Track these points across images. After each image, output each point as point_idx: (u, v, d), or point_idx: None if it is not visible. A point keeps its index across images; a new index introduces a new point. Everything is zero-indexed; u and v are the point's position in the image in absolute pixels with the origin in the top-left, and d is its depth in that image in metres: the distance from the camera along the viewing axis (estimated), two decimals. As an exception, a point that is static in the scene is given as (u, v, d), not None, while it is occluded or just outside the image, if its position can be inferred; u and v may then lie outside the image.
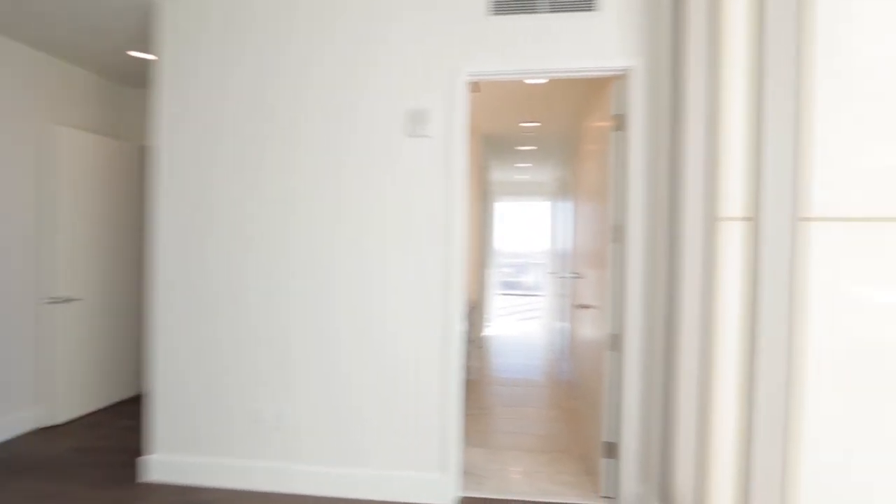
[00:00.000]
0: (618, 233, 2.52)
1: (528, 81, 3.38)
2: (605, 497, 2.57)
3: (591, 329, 3.07)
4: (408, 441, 2.54)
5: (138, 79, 3.82)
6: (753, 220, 1.54)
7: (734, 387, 1.78)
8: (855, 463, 1.42)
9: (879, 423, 1.35)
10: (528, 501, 2.54)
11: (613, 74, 2.50)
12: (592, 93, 3.11)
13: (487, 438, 3.43)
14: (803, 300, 1.49)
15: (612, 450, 2.55)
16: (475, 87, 3.53)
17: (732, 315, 1.85)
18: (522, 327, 8.57)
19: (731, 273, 1.87)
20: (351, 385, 2.57)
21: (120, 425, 3.52)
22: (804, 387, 1.50)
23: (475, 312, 5.70)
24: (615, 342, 2.53)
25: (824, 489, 1.48)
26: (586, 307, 3.19)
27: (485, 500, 2.56)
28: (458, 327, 2.55)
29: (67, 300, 3.47)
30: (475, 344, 5.92)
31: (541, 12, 2.45)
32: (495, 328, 8.10)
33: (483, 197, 6.37)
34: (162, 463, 2.68)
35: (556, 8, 2.45)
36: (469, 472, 2.85)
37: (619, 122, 2.51)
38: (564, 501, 2.55)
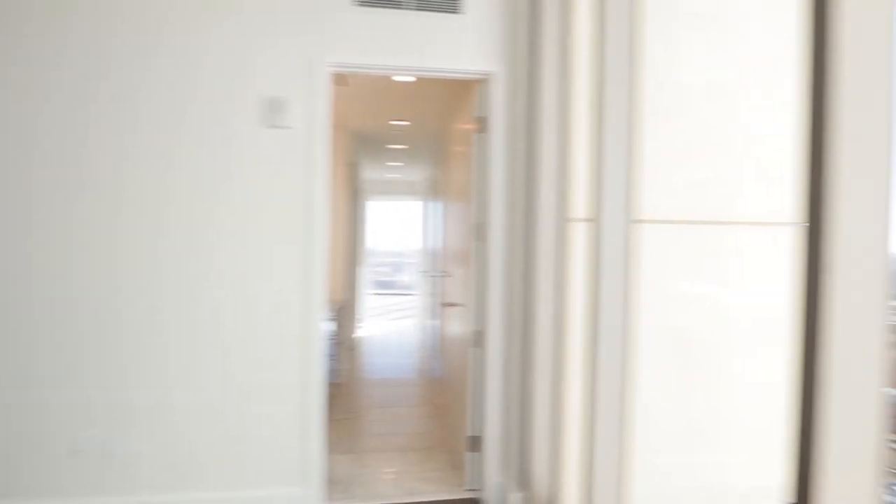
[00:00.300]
0: (480, 232, 2.60)
1: (396, 79, 3.35)
2: (470, 490, 2.63)
3: (457, 326, 3.14)
4: (266, 455, 2.34)
5: None
6: (595, 221, 1.67)
7: (581, 375, 1.93)
8: (677, 431, 1.62)
9: (693, 398, 1.55)
10: (396, 504, 2.51)
11: (476, 78, 2.56)
12: (459, 95, 3.18)
13: (357, 443, 3.33)
14: (637, 291, 1.65)
15: (476, 443, 2.62)
16: (341, 79, 3.40)
17: (579, 309, 2.00)
18: (396, 326, 8.57)
19: (579, 270, 2.02)
20: (195, 402, 2.29)
21: None
22: (637, 370, 1.66)
23: (346, 313, 5.53)
24: (478, 338, 2.61)
25: (654, 465, 1.67)
26: (453, 305, 3.26)
27: (350, 509, 2.46)
28: (320, 330, 2.41)
29: None
30: (346, 346, 5.75)
31: (407, 9, 2.42)
32: (368, 328, 7.98)
33: (354, 195, 6.21)
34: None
35: (422, 6, 2.43)
36: (335, 482, 2.73)
37: (482, 125, 2.59)
38: (431, 499, 2.56)
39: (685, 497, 1.65)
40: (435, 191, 5.61)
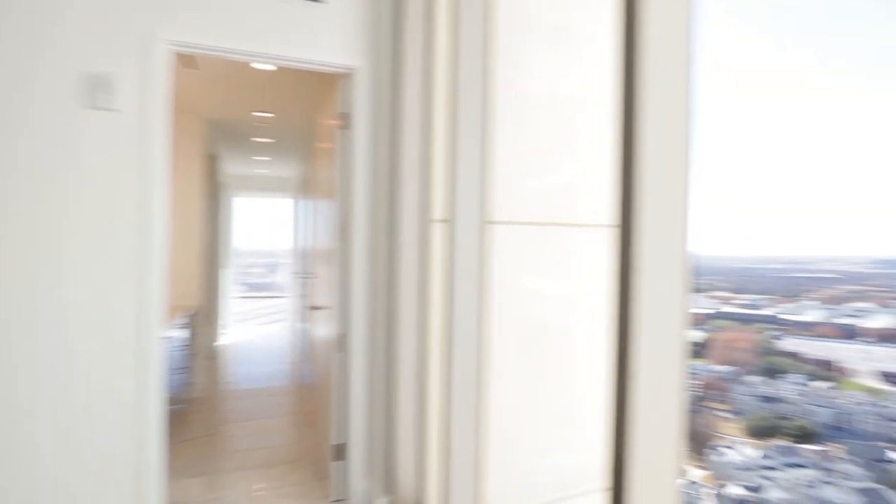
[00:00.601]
0: (344, 232, 2.51)
1: (255, 66, 3.10)
2: (336, 500, 2.53)
3: (324, 330, 3.00)
4: (94, 489, 2.00)
5: None
6: (449, 221, 1.69)
7: (441, 375, 1.94)
8: (530, 417, 1.70)
9: (542, 385, 1.64)
10: (251, 526, 2.32)
11: (339, 72, 2.47)
12: (324, 89, 3.05)
13: (212, 463, 3.03)
14: (490, 289, 1.70)
15: (341, 451, 2.52)
16: (190, 61, 3.07)
17: (440, 309, 2.01)
18: (267, 332, 8.05)
19: (439, 270, 2.03)
20: (-8, 435, 1.88)
21: None
22: (492, 366, 1.71)
23: (205, 319, 5.04)
24: (342, 342, 2.52)
25: (509, 452, 1.73)
26: (319, 308, 3.12)
27: (198, 538, 2.22)
28: (160, 341, 2.14)
29: None
30: (205, 355, 5.25)
31: (263, -10, 2.25)
32: (235, 335, 7.38)
33: (216, 189, 5.68)
34: None
35: (280, -10, 2.28)
36: (181, 510, 2.45)
37: (345, 121, 2.50)
38: (292, 515, 2.41)
39: (535, 479, 1.75)
40: (305, 188, 5.35)
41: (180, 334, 3.81)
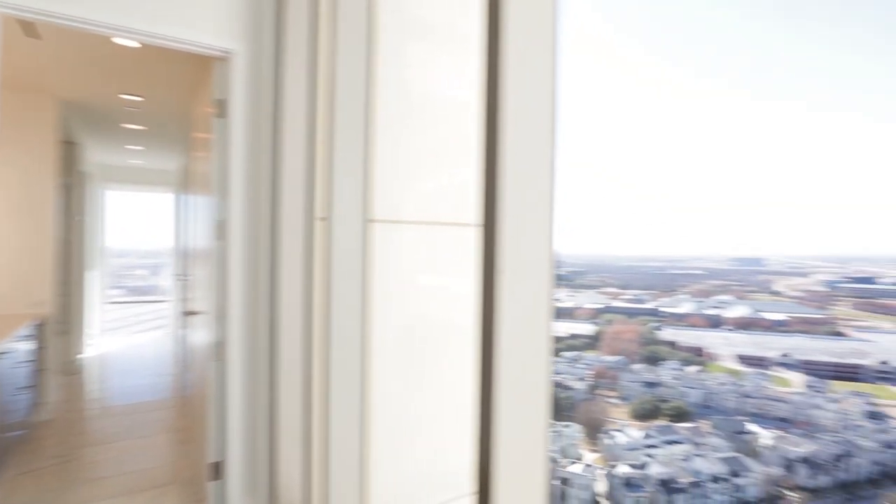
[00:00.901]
0: (221, 230, 2.29)
1: (118, 41, 2.74)
2: (211, 524, 2.30)
3: (201, 337, 2.73)
4: None
5: None
6: (329, 220, 1.59)
7: (325, 378, 1.83)
8: (411, 418, 1.64)
9: (423, 385, 1.60)
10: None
11: (215, 55, 2.25)
12: (201, 73, 2.77)
13: (62, 496, 2.62)
14: (372, 288, 1.62)
15: (219, 470, 2.30)
16: (30, 29, 2.63)
17: (323, 311, 1.89)
18: (146, 339, 7.27)
19: (322, 270, 1.91)
20: None
21: None
22: (375, 368, 1.63)
23: (62, 329, 4.41)
24: (219, 350, 2.30)
25: (391, 455, 1.66)
26: (195, 313, 2.84)
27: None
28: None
29: None
30: (64, 370, 4.61)
31: (118, -46, 1.97)
32: (105, 345, 6.57)
33: (78, 181, 4.99)
34: None
35: (141, -44, 2.01)
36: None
37: (221, 109, 2.28)
38: (157, 548, 2.15)
39: (421, 481, 1.69)
40: (185, 182, 4.88)
41: (25, 347, 3.27)
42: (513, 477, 0.92)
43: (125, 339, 7.30)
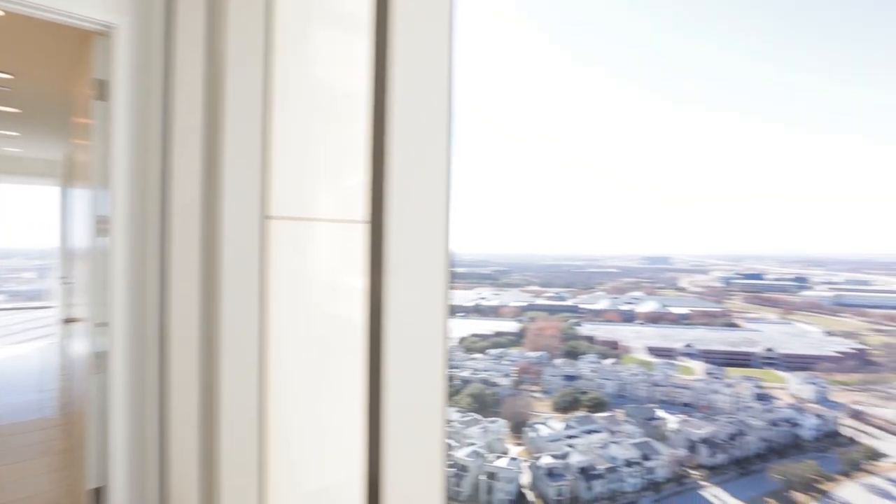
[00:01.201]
0: (102, 226, 2.04)
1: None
2: (91, 558, 2.04)
3: (82, 347, 2.43)
4: None
5: None
6: (227, 215, 1.45)
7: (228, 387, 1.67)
8: (311, 433, 1.53)
9: (326, 391, 1.49)
10: None
11: (95, 29, 1.99)
12: (82, 49, 2.46)
13: None
14: (269, 288, 1.49)
15: (100, 496, 2.04)
16: None
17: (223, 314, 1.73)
18: (27, 350, 6.45)
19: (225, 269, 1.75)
20: None
21: None
22: (271, 370, 1.49)
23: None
24: (100, 362, 2.04)
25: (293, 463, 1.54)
26: (76, 320, 2.52)
27: None
28: None
29: None
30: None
31: None
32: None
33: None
34: None
35: None
36: None
37: (103, 91, 2.03)
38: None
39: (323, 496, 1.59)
40: (70, 173, 4.36)
41: None
42: (405, 484, 0.86)
43: (5, 351, 6.44)
